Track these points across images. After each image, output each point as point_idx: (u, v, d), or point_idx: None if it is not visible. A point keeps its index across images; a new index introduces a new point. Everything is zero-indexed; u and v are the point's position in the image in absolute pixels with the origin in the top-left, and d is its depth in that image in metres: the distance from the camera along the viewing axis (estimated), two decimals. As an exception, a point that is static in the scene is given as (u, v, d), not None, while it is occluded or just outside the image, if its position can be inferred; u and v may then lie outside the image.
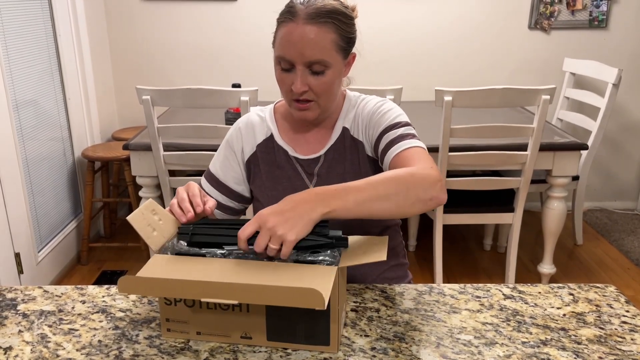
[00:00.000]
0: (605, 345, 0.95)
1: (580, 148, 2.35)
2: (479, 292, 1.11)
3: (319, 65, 1.10)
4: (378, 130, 1.18)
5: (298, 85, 1.11)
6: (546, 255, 2.56)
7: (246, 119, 1.30)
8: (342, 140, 1.24)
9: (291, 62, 1.10)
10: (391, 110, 1.20)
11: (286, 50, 1.10)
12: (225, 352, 0.92)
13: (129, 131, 3.18)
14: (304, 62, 1.10)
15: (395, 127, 1.17)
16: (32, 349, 0.94)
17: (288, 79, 1.13)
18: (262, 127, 1.28)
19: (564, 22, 3.20)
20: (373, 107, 1.22)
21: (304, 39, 1.08)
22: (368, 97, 1.27)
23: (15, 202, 2.35)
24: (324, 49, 1.09)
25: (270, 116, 1.29)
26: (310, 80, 1.12)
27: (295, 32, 1.08)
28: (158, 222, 1.02)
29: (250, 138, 1.27)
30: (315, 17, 1.08)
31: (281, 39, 1.11)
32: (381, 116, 1.19)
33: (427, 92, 3.17)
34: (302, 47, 1.08)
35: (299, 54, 1.09)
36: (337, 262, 0.94)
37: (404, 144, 1.13)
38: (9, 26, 2.36)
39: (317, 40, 1.08)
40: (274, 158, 1.25)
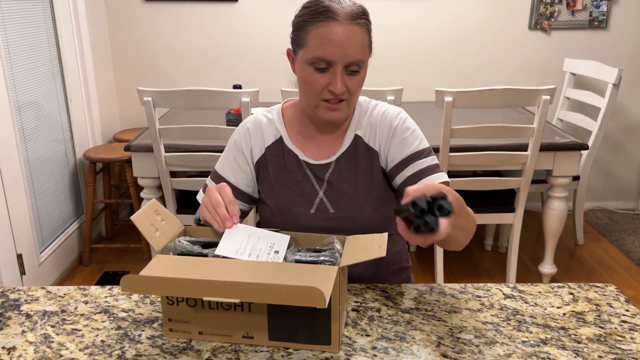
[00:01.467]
0: (605, 344, 0.95)
1: (581, 148, 2.35)
2: (479, 292, 1.12)
3: (356, 65, 1.10)
4: (402, 153, 1.19)
5: (339, 86, 1.09)
6: (547, 256, 2.56)
7: (254, 119, 1.28)
8: (354, 148, 1.22)
9: (331, 62, 1.09)
10: (414, 131, 1.21)
11: (327, 50, 1.08)
12: (227, 352, 0.93)
13: (131, 132, 3.19)
14: (345, 62, 1.09)
15: (422, 155, 1.19)
16: (36, 349, 0.95)
17: (323, 80, 1.11)
18: (271, 129, 1.26)
19: (564, 22, 3.21)
20: (394, 121, 1.21)
21: (349, 39, 1.08)
22: (380, 103, 1.26)
23: (17, 204, 2.36)
24: (363, 49, 1.11)
25: (279, 118, 1.27)
26: (347, 79, 1.11)
27: (340, 32, 1.07)
28: (161, 222, 1.02)
29: (259, 139, 1.25)
30: (356, 17, 1.09)
31: (321, 39, 1.08)
32: (406, 137, 1.20)
33: (427, 93, 3.17)
34: (346, 47, 1.08)
35: (342, 53, 1.08)
36: (338, 262, 0.95)
37: (436, 177, 1.18)
38: (10, 28, 2.37)
39: (359, 41, 1.09)
40: (284, 161, 1.24)
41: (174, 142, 2.32)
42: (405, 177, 1.19)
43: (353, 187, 1.21)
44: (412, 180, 1.18)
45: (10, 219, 2.30)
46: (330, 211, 1.21)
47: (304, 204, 1.22)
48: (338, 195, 1.21)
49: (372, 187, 1.22)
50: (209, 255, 0.99)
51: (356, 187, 1.21)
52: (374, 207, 1.21)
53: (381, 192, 1.23)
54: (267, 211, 1.26)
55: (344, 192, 1.21)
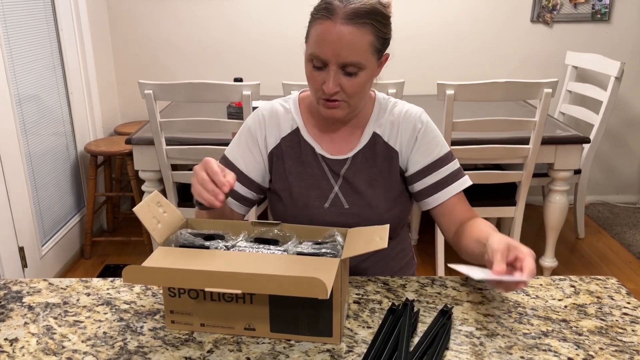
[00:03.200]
0: (606, 337, 0.95)
1: (583, 141, 2.35)
2: (480, 285, 1.12)
3: (353, 67, 1.07)
4: (425, 159, 1.20)
5: (330, 86, 1.07)
6: (548, 249, 2.57)
7: (270, 107, 1.25)
8: (372, 146, 1.21)
9: (325, 61, 1.07)
10: (436, 136, 1.22)
11: (321, 49, 1.06)
12: (229, 344, 0.93)
13: (132, 126, 3.19)
14: (339, 62, 1.06)
15: (444, 162, 1.20)
16: (38, 340, 0.95)
17: (319, 78, 1.09)
18: (287, 119, 1.23)
19: (566, 15, 3.19)
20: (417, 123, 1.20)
21: (342, 40, 1.04)
22: (400, 102, 1.24)
23: (19, 197, 2.36)
24: (360, 51, 1.06)
25: (296, 108, 1.24)
26: (343, 80, 1.08)
27: (332, 31, 1.04)
28: (162, 214, 1.03)
29: (274, 129, 1.23)
30: (354, 18, 1.04)
31: (316, 37, 1.07)
32: (428, 142, 1.20)
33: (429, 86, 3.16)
34: (339, 48, 1.05)
35: (335, 54, 1.05)
36: (340, 254, 0.95)
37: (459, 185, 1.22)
38: (11, 21, 2.36)
39: (355, 42, 1.05)
40: (300, 153, 1.22)
41: (175, 135, 2.32)
42: (427, 184, 1.19)
43: (369, 184, 1.20)
44: (434, 188, 1.19)
45: (12, 212, 2.31)
46: (344, 207, 1.20)
47: (319, 197, 1.21)
48: (353, 192, 1.20)
49: (389, 187, 1.21)
50: (211, 247, 0.99)
51: (372, 185, 1.20)
52: (388, 206, 1.21)
53: (397, 193, 1.22)
54: (279, 203, 1.24)
55: (359, 189, 1.20)
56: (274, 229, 1.05)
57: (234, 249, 0.98)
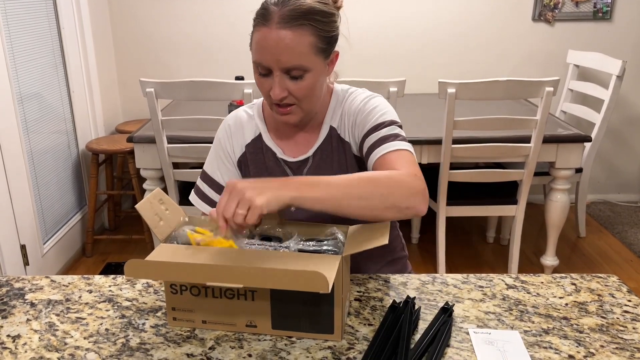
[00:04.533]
0: (607, 334, 0.95)
1: (584, 140, 2.35)
2: (481, 282, 1.12)
3: (297, 70, 1.04)
4: (363, 130, 1.14)
5: (277, 92, 1.05)
6: (549, 248, 2.57)
7: (234, 116, 1.24)
8: (329, 141, 1.19)
9: (267, 67, 1.05)
10: (376, 107, 1.15)
11: (261, 56, 1.04)
12: (231, 341, 0.94)
13: (133, 124, 3.19)
14: (281, 68, 1.04)
15: (380, 127, 1.12)
16: (40, 337, 0.96)
17: (266, 84, 1.07)
18: (251, 126, 1.23)
19: (568, 13, 3.19)
20: (359, 104, 1.16)
21: (279, 45, 1.01)
22: (356, 91, 1.20)
23: (21, 195, 2.37)
24: (301, 54, 1.03)
25: (259, 114, 1.23)
26: (289, 85, 1.06)
27: (269, 37, 1.02)
28: (165, 211, 1.03)
29: (239, 137, 1.23)
30: (290, 21, 1.01)
31: (256, 44, 1.05)
32: (366, 115, 1.14)
33: (430, 85, 3.16)
34: (278, 53, 1.02)
35: (275, 60, 1.03)
36: (341, 251, 0.95)
37: (388, 146, 1.08)
38: (13, 20, 2.37)
39: (293, 46, 1.02)
40: (263, 159, 1.21)
41: (177, 133, 2.32)
42: (364, 151, 1.14)
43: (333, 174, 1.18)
44: (367, 155, 1.12)
45: (14, 210, 2.31)
46: None
47: None
48: None
49: None
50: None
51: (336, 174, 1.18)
52: None
53: None
54: None
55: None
56: (276, 226, 1.05)
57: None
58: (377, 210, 0.96)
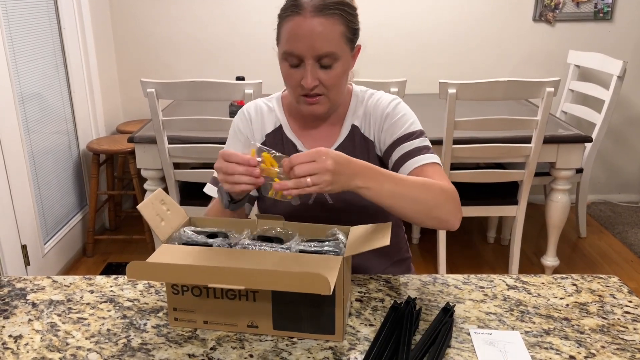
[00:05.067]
0: (608, 335, 0.96)
1: (585, 141, 2.35)
2: (482, 283, 1.12)
3: (328, 58, 1.09)
4: (392, 136, 1.18)
5: (309, 80, 1.09)
6: (550, 248, 2.57)
7: (254, 105, 1.27)
8: (351, 138, 1.22)
9: (300, 56, 1.08)
10: (405, 115, 1.20)
11: (294, 44, 1.08)
12: (232, 341, 0.94)
13: (134, 124, 3.19)
14: (314, 55, 1.08)
15: (411, 137, 1.17)
16: (42, 337, 0.96)
17: (297, 75, 1.11)
18: (271, 117, 1.26)
19: (568, 14, 3.19)
20: (386, 108, 1.20)
21: (313, 32, 1.06)
22: (376, 93, 1.25)
23: (22, 195, 2.37)
24: (333, 41, 1.08)
25: (279, 106, 1.27)
26: (320, 74, 1.10)
27: (303, 25, 1.06)
28: (166, 212, 1.03)
29: (259, 125, 1.26)
30: (323, 9, 1.06)
31: (288, 34, 1.09)
32: (396, 121, 1.19)
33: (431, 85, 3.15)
34: (312, 40, 1.06)
35: (309, 47, 1.07)
36: (342, 252, 0.95)
37: (423, 158, 1.14)
38: (14, 20, 2.37)
39: (326, 33, 1.07)
40: (282, 150, 1.23)
41: (177, 133, 2.32)
42: (393, 161, 1.18)
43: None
44: (399, 163, 1.16)
45: (15, 210, 2.31)
46: (328, 202, 1.21)
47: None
48: None
49: None
50: (214, 245, 0.99)
51: None
52: None
53: None
54: (264, 201, 1.26)
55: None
56: (277, 227, 1.05)
57: (236, 246, 0.99)
58: (424, 216, 1.04)
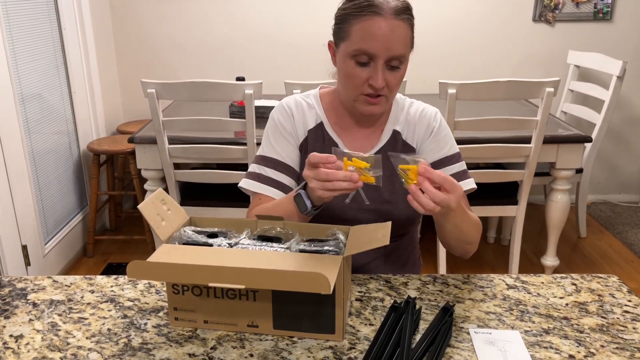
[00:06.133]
0: (608, 334, 0.96)
1: (584, 141, 2.35)
2: (482, 282, 1.13)
3: (398, 60, 1.11)
4: (437, 153, 1.24)
5: (380, 81, 1.11)
6: (549, 248, 2.57)
7: (294, 100, 1.26)
8: (393, 143, 1.24)
9: (373, 56, 1.10)
10: (448, 134, 1.26)
11: (370, 43, 1.09)
12: (232, 341, 0.94)
13: (134, 124, 3.20)
14: (387, 56, 1.10)
15: (453, 159, 1.24)
16: (43, 337, 0.96)
17: (364, 74, 1.12)
18: (312, 113, 1.26)
19: (568, 14, 3.19)
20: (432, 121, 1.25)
21: (393, 33, 1.09)
22: (415, 101, 1.30)
23: (22, 195, 2.37)
24: (405, 45, 1.12)
25: (318, 104, 1.27)
26: (387, 75, 1.12)
27: (384, 26, 1.08)
28: (167, 212, 1.03)
29: (301, 120, 1.25)
30: (401, 13, 1.10)
31: (364, 33, 1.10)
32: (441, 138, 1.24)
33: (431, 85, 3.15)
34: (390, 41, 1.09)
35: (386, 48, 1.09)
36: (342, 252, 0.95)
37: (466, 183, 1.25)
38: (14, 20, 2.37)
39: (402, 36, 1.11)
40: (323, 148, 1.24)
41: (178, 134, 2.33)
42: None
43: (390, 181, 1.22)
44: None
45: (15, 210, 2.32)
46: (365, 203, 1.22)
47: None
48: (374, 188, 1.21)
49: None
50: (214, 244, 1.00)
51: (393, 181, 1.21)
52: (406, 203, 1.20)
53: None
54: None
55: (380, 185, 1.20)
56: (277, 227, 1.05)
57: (237, 246, 0.99)
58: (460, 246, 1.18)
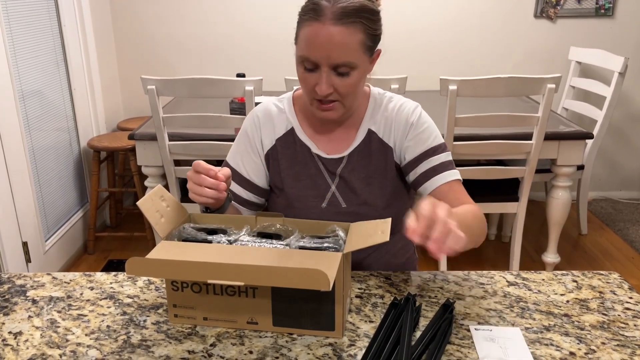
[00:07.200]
0: (608, 331, 0.95)
1: (586, 137, 2.34)
2: (483, 279, 1.12)
3: (345, 67, 1.06)
4: (418, 148, 1.17)
5: (323, 88, 1.06)
6: (550, 245, 2.56)
7: (264, 108, 1.24)
8: (367, 143, 1.20)
9: (316, 63, 1.06)
10: (429, 126, 1.19)
11: (311, 51, 1.05)
12: (232, 337, 0.94)
13: (134, 121, 3.19)
14: (330, 64, 1.05)
15: (437, 151, 1.17)
16: (42, 333, 0.96)
17: (311, 79, 1.08)
18: (282, 120, 1.22)
19: (570, 10, 3.18)
20: (411, 116, 1.18)
21: (331, 41, 1.02)
22: (395, 97, 1.22)
23: (23, 192, 2.37)
24: (351, 51, 1.04)
25: (290, 108, 1.23)
26: (335, 81, 1.07)
27: (321, 33, 1.03)
28: (166, 208, 1.03)
29: (269, 130, 1.22)
30: (343, 17, 1.02)
31: (306, 39, 1.05)
32: (421, 132, 1.18)
33: (431, 81, 3.15)
34: (329, 49, 1.03)
35: (325, 56, 1.04)
36: (342, 249, 0.95)
37: (450, 174, 1.16)
38: (14, 17, 2.37)
39: (345, 43, 1.03)
40: (295, 154, 1.21)
41: (178, 130, 2.32)
42: (418, 173, 1.18)
43: (366, 182, 1.19)
44: (425, 177, 1.17)
45: (16, 207, 2.32)
46: (342, 206, 1.20)
47: (316, 197, 1.20)
48: (350, 190, 1.20)
49: (385, 184, 1.20)
50: (214, 241, 0.99)
51: (368, 182, 1.19)
52: (385, 203, 1.20)
53: (394, 189, 1.21)
54: (277, 204, 1.24)
55: (356, 187, 1.19)
56: (277, 223, 1.05)
57: (236, 243, 0.99)
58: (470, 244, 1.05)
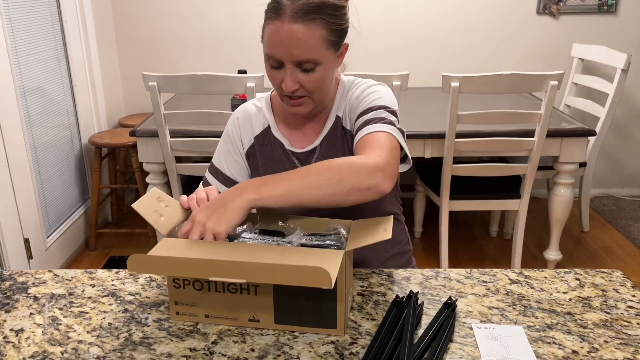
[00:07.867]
0: (611, 330, 0.95)
1: (588, 134, 2.33)
2: (485, 277, 1.12)
3: (309, 63, 1.06)
4: (355, 115, 1.15)
5: (288, 84, 1.08)
6: (552, 242, 2.56)
7: (243, 109, 1.27)
8: (334, 130, 1.21)
9: (280, 60, 1.07)
10: (373, 93, 1.15)
11: (274, 49, 1.06)
12: (234, 335, 0.94)
13: (136, 118, 3.19)
14: (292, 61, 1.06)
15: (369, 111, 1.12)
16: (44, 331, 0.96)
17: (278, 76, 1.09)
18: (259, 118, 1.25)
19: (572, 6, 3.17)
20: (360, 93, 1.17)
21: (292, 38, 1.03)
22: (361, 81, 1.21)
23: (24, 189, 2.37)
24: (313, 47, 1.05)
25: (267, 106, 1.26)
26: (301, 77, 1.08)
27: (281, 31, 1.03)
28: (164, 207, 1.03)
29: (247, 129, 1.25)
30: (303, 15, 1.03)
31: (268, 38, 1.07)
32: (361, 100, 1.15)
33: (434, 78, 3.15)
34: (290, 47, 1.04)
35: (287, 53, 1.05)
36: (344, 246, 0.95)
37: (369, 128, 1.09)
38: (15, 13, 2.36)
39: (306, 40, 1.03)
40: (271, 151, 1.23)
41: (179, 127, 2.32)
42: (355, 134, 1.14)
43: None
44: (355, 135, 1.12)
45: (17, 204, 2.32)
46: None
47: None
48: None
49: None
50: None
51: None
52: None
53: None
54: None
55: None
56: (279, 221, 1.05)
57: (238, 240, 0.98)
58: (337, 196, 0.98)
